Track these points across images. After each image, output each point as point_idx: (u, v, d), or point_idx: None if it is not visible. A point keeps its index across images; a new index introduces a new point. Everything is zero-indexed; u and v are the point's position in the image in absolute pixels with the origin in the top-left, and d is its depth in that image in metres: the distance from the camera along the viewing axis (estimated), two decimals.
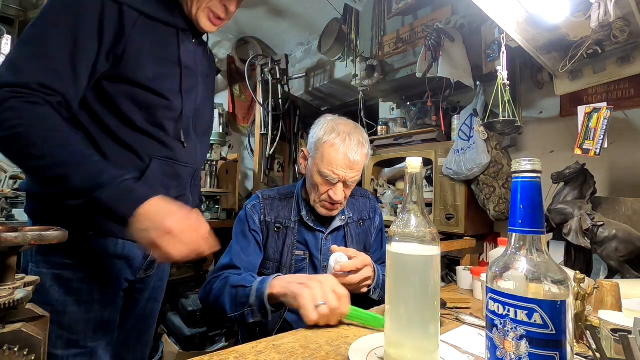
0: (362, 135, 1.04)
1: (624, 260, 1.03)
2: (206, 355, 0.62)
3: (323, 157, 0.99)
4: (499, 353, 0.46)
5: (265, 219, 1.07)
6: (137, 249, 0.87)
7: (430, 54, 1.53)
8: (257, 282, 0.88)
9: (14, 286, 0.43)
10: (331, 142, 0.98)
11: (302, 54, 3.24)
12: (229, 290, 0.91)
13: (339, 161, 0.97)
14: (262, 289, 0.84)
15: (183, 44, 0.88)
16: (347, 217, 1.14)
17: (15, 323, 0.43)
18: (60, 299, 0.77)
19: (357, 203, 1.20)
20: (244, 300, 0.86)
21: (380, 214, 1.25)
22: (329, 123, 1.03)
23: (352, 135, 1.00)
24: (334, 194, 1.00)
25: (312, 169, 1.03)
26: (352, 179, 1.01)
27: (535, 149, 1.66)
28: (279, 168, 3.18)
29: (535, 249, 0.47)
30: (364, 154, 1.02)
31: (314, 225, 1.09)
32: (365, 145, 1.03)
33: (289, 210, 1.10)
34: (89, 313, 0.80)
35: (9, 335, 0.41)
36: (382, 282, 1.00)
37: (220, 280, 0.96)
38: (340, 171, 0.98)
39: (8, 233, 0.41)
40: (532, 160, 0.47)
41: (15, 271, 0.45)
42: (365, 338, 0.69)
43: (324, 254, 1.08)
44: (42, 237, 0.44)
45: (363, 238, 1.17)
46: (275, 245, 1.06)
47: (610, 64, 1.16)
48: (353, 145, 0.98)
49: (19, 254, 0.80)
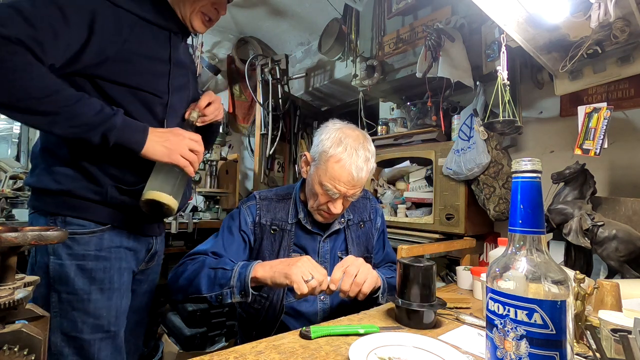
0: (369, 148, 1.00)
1: (624, 260, 1.03)
2: (206, 355, 0.62)
3: (327, 171, 0.96)
4: (499, 353, 0.46)
5: (260, 220, 1.06)
6: (141, 243, 0.97)
7: (430, 54, 1.52)
8: (238, 265, 0.90)
9: (14, 286, 0.43)
10: (337, 157, 0.95)
11: (302, 54, 3.24)
12: (207, 271, 0.91)
13: (343, 178, 0.95)
14: (244, 272, 0.87)
15: (174, 45, 0.95)
16: (346, 219, 1.12)
17: (15, 323, 0.43)
18: (85, 288, 0.84)
19: (357, 204, 1.18)
20: (223, 282, 0.88)
21: (382, 214, 1.24)
22: (337, 133, 0.98)
23: (359, 150, 0.96)
24: (333, 207, 0.98)
25: (313, 177, 1.01)
26: (353, 194, 0.98)
27: (535, 149, 1.66)
28: (279, 168, 3.18)
29: (535, 249, 0.47)
30: (368, 170, 0.99)
31: (312, 228, 1.07)
32: (371, 160, 1.00)
33: (286, 212, 1.08)
34: (110, 300, 0.88)
35: (9, 335, 0.41)
36: (388, 286, 0.99)
37: (196, 262, 0.96)
38: (343, 187, 0.96)
39: (8, 233, 0.41)
40: (532, 160, 0.47)
41: (15, 271, 0.45)
42: (365, 338, 0.69)
43: (321, 256, 1.08)
44: (42, 237, 0.44)
45: (364, 240, 1.16)
46: (270, 247, 1.05)
47: (610, 64, 1.16)
48: (360, 162, 0.95)
49: (36, 250, 0.83)
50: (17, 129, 2.69)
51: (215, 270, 0.91)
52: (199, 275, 0.91)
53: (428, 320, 0.82)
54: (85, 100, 0.76)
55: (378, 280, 0.95)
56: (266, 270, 0.87)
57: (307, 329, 0.74)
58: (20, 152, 2.66)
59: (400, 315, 0.84)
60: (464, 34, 1.54)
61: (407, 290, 0.83)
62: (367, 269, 0.90)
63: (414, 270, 0.83)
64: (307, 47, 3.18)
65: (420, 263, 0.85)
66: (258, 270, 0.87)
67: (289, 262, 0.87)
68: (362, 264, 0.90)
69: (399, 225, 1.79)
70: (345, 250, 1.11)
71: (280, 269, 0.85)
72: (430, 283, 0.84)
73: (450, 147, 1.59)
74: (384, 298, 0.98)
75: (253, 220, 1.07)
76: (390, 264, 1.21)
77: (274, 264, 0.88)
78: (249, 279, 0.86)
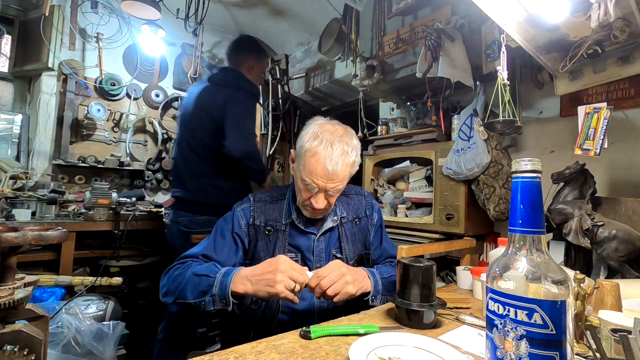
0: (349, 142, 0.99)
1: (624, 260, 1.03)
2: (206, 355, 0.62)
3: (305, 165, 0.97)
4: (499, 353, 0.46)
5: (254, 222, 1.07)
6: None
7: (430, 54, 1.52)
8: (221, 273, 0.90)
9: (14, 286, 0.43)
10: (313, 151, 0.95)
11: (302, 54, 3.23)
12: (192, 277, 0.92)
13: (319, 171, 0.95)
14: (225, 282, 0.88)
15: None
16: (339, 217, 1.12)
17: (15, 323, 0.43)
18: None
19: (351, 201, 1.18)
20: (205, 289, 0.88)
21: (378, 210, 1.23)
22: (315, 128, 0.99)
23: (336, 144, 0.96)
24: (315, 202, 0.99)
25: (296, 173, 1.02)
26: (333, 188, 0.98)
27: (535, 149, 1.66)
28: (279, 168, 3.18)
29: (535, 249, 0.47)
30: (347, 164, 0.97)
31: (305, 227, 1.08)
32: (351, 154, 0.99)
33: (280, 212, 1.09)
34: None
35: (9, 335, 0.41)
36: (383, 287, 0.99)
37: (184, 267, 0.97)
38: (320, 181, 0.96)
39: (8, 233, 0.41)
40: (532, 160, 0.47)
41: (15, 271, 0.45)
42: (365, 338, 0.69)
43: (316, 255, 1.08)
44: (42, 237, 0.44)
45: (360, 237, 1.16)
46: (265, 248, 1.06)
47: (610, 64, 1.16)
48: (335, 155, 0.95)
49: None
50: (17, 129, 2.69)
51: (199, 277, 0.91)
52: (186, 280, 0.92)
53: (428, 320, 0.82)
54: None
55: (366, 285, 0.95)
56: (247, 286, 0.87)
57: (307, 329, 0.74)
58: (20, 152, 2.66)
59: (400, 315, 0.84)
60: (464, 34, 1.54)
61: (407, 290, 0.83)
62: (339, 275, 0.89)
63: (414, 270, 0.83)
64: (307, 47, 3.18)
65: (420, 263, 0.85)
66: (238, 285, 0.87)
67: (266, 273, 0.86)
68: (337, 268, 0.90)
69: (399, 225, 1.79)
70: (339, 248, 1.11)
71: (262, 286, 0.85)
72: (430, 283, 0.84)
73: (450, 147, 1.59)
74: (377, 300, 0.97)
75: (247, 222, 1.07)
76: (391, 259, 1.20)
77: (254, 276, 0.87)
78: (229, 290, 0.86)
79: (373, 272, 1.01)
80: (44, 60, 2.58)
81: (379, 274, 1.01)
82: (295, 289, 0.85)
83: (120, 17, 2.95)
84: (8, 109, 2.71)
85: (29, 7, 2.67)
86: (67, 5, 2.74)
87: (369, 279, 0.97)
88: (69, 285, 1.71)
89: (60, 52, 2.68)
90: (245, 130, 1.76)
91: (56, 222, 2.15)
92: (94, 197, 2.17)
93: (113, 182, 2.92)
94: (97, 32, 2.85)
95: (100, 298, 1.78)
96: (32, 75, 2.73)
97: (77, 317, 1.54)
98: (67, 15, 2.73)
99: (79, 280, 1.68)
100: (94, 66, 2.86)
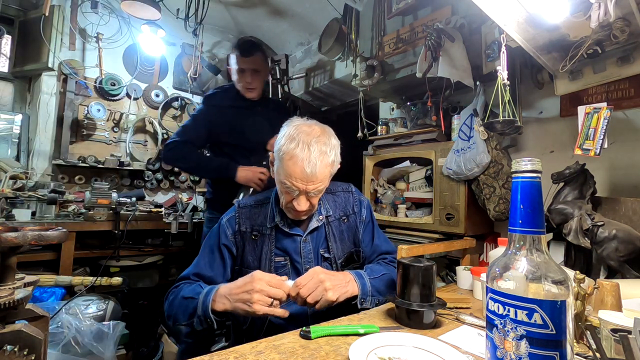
0: (327, 142, 0.98)
1: (624, 260, 1.03)
2: (206, 355, 0.62)
3: (283, 168, 0.96)
4: (499, 353, 0.46)
5: (239, 229, 1.07)
6: None
7: (430, 54, 1.52)
8: (202, 294, 0.92)
9: (14, 286, 0.43)
10: (290, 154, 0.94)
11: (302, 54, 3.23)
12: (181, 301, 0.95)
13: (297, 174, 0.93)
14: (206, 302, 0.89)
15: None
16: (325, 215, 1.11)
17: (15, 323, 0.43)
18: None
19: (338, 199, 1.16)
20: (192, 312, 0.91)
21: (368, 206, 1.20)
22: (292, 130, 0.98)
23: (313, 145, 0.94)
24: (297, 205, 0.98)
25: (276, 176, 1.02)
26: (314, 189, 0.96)
27: (535, 149, 1.66)
28: None
29: (535, 249, 0.47)
30: (326, 164, 0.96)
31: (290, 229, 1.07)
32: (330, 154, 0.97)
33: (264, 216, 1.09)
34: None
35: (9, 335, 0.41)
36: (373, 288, 0.97)
37: (177, 291, 1.00)
38: (300, 184, 0.94)
39: (8, 233, 0.41)
40: (532, 160, 0.47)
41: (15, 271, 0.45)
42: (365, 338, 0.69)
43: (304, 256, 1.07)
44: (42, 237, 0.44)
45: (349, 234, 1.14)
46: (253, 253, 1.06)
47: (610, 64, 1.16)
48: (313, 157, 0.93)
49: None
50: (17, 129, 2.69)
51: (186, 300, 0.93)
52: (176, 304, 0.95)
53: (428, 320, 0.82)
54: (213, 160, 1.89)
55: (351, 289, 0.94)
56: (226, 304, 0.88)
57: (307, 329, 0.74)
58: (20, 152, 2.66)
59: (400, 315, 0.84)
60: (464, 34, 1.54)
61: (407, 290, 0.83)
62: (317, 282, 0.89)
63: (414, 270, 0.83)
64: (307, 47, 3.17)
65: (420, 263, 0.85)
66: (218, 304, 0.89)
67: (243, 293, 0.86)
68: (315, 276, 0.90)
69: (399, 225, 1.79)
70: (326, 247, 1.10)
71: (240, 304, 0.86)
72: (430, 283, 0.84)
73: (450, 147, 1.59)
74: (367, 302, 0.96)
75: (233, 231, 1.07)
76: (384, 255, 1.17)
77: (231, 295, 0.88)
78: (209, 311, 0.88)
79: (360, 275, 0.99)
80: (44, 60, 2.59)
81: (368, 275, 1.00)
82: (273, 304, 0.85)
83: (120, 17, 2.95)
84: (8, 109, 2.71)
85: (29, 7, 2.67)
86: (67, 5, 2.74)
87: (355, 283, 0.96)
88: (69, 285, 1.71)
89: (60, 52, 2.68)
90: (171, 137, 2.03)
91: (56, 222, 2.15)
92: (94, 197, 2.18)
93: (113, 182, 2.93)
94: (97, 32, 2.85)
95: (100, 298, 1.78)
96: (32, 75, 2.73)
97: (77, 317, 1.54)
98: (67, 15, 2.73)
99: (79, 280, 1.68)
100: (94, 66, 2.86)
